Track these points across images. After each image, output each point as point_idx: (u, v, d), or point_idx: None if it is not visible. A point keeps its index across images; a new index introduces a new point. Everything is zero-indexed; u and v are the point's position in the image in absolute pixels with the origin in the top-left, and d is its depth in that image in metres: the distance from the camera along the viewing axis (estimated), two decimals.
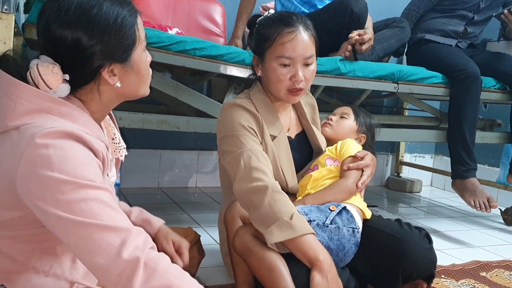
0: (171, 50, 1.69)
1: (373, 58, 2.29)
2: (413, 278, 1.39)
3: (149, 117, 1.76)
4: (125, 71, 0.93)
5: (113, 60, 0.91)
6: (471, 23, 2.60)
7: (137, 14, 0.94)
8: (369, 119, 1.63)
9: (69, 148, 0.81)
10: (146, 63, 0.98)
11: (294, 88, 1.35)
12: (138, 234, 0.81)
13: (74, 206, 0.78)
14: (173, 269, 0.81)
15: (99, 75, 0.91)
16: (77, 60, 0.88)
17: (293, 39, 1.32)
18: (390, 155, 3.57)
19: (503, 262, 1.87)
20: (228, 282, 1.47)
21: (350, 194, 1.39)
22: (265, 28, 1.37)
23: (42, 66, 0.86)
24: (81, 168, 0.81)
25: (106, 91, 0.94)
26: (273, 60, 1.34)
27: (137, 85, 0.97)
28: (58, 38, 0.87)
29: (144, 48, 0.98)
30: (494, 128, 2.84)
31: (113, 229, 0.79)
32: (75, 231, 0.78)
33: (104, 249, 0.77)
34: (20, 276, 0.89)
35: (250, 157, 1.26)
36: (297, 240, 1.14)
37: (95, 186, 0.81)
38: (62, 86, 0.88)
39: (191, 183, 2.95)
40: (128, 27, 0.91)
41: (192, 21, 2.54)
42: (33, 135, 0.80)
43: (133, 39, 0.93)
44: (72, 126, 0.84)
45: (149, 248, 0.80)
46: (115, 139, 1.06)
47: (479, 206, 2.19)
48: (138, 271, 0.77)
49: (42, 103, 0.85)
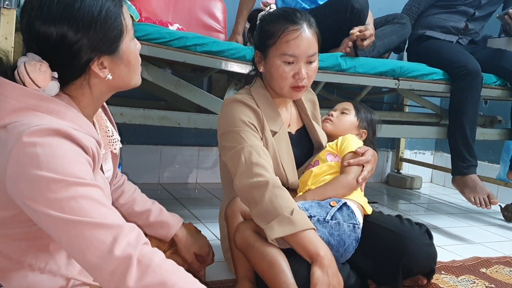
0: (172, 46, 1.69)
1: (374, 54, 2.29)
2: (413, 273, 1.40)
3: (150, 113, 1.76)
4: (115, 62, 0.92)
5: (101, 52, 0.89)
6: (472, 19, 2.59)
7: (121, 3, 0.92)
8: (370, 114, 1.63)
9: (57, 146, 0.80)
10: (135, 52, 0.96)
11: (297, 85, 1.35)
12: (130, 230, 0.80)
13: (65, 205, 0.78)
14: (167, 265, 0.80)
15: (89, 69, 0.90)
16: (64, 56, 0.86)
17: (297, 37, 1.32)
18: (390, 152, 3.57)
19: (503, 258, 1.88)
20: (229, 278, 1.47)
21: (350, 190, 1.39)
22: (269, 25, 1.36)
23: (30, 65, 0.84)
24: (70, 165, 0.80)
25: (97, 84, 0.92)
26: (276, 57, 1.34)
27: (128, 76, 0.95)
28: (42, 36, 0.85)
29: (132, 37, 0.96)
30: (494, 124, 2.84)
31: (104, 226, 0.78)
32: (66, 229, 0.78)
33: (96, 247, 0.77)
34: (16, 273, 0.88)
35: (250, 153, 1.26)
36: (298, 236, 1.14)
37: (84, 183, 0.80)
38: (51, 84, 0.86)
39: (192, 179, 2.95)
40: (114, 18, 0.89)
41: (192, 17, 2.54)
42: (20, 133, 0.79)
43: (120, 29, 0.90)
44: (60, 123, 0.83)
45: (142, 244, 0.79)
46: (108, 132, 1.04)
47: (479, 202, 2.19)
48: (132, 268, 0.75)
49: (28, 101, 0.84)
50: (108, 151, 1.06)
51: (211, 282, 1.41)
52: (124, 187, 1.26)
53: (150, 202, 1.29)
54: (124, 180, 1.28)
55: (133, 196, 1.26)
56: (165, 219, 1.28)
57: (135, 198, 1.26)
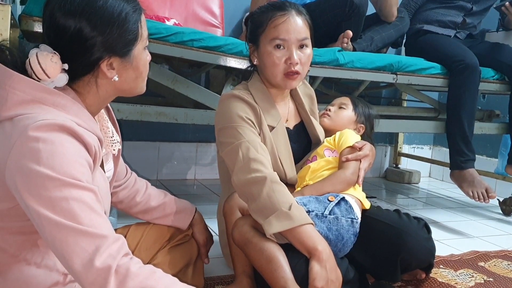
0: (168, 41, 1.68)
1: (372, 49, 2.29)
2: (412, 268, 1.40)
3: (147, 109, 1.75)
4: (124, 65, 0.94)
5: (113, 53, 0.91)
6: (470, 13, 2.59)
7: (141, 12, 0.96)
8: (368, 109, 1.62)
9: (59, 143, 0.81)
10: (145, 61, 0.99)
11: (290, 71, 1.34)
12: (114, 241, 0.80)
13: (56, 204, 0.78)
14: (144, 271, 0.80)
15: (98, 67, 0.92)
16: (77, 50, 0.89)
17: (285, 21, 1.32)
18: (388, 147, 3.57)
19: (501, 252, 1.88)
20: (227, 273, 1.47)
21: (348, 185, 1.39)
22: (259, 16, 1.37)
23: (42, 55, 0.86)
24: (69, 165, 0.80)
25: (104, 85, 0.95)
26: (267, 44, 1.34)
27: (135, 82, 0.98)
28: (61, 27, 0.88)
29: (145, 48, 0.99)
30: (492, 118, 2.85)
31: (88, 234, 0.78)
32: (52, 231, 0.78)
33: (77, 254, 0.77)
34: (12, 267, 0.89)
35: (248, 148, 1.26)
36: (296, 230, 1.14)
37: (79, 185, 0.80)
38: (60, 75, 0.88)
39: (190, 175, 2.95)
40: (132, 22, 0.92)
41: (189, 12, 2.53)
42: (25, 126, 0.80)
43: (135, 35, 0.94)
44: (66, 118, 0.84)
45: (122, 256, 0.79)
46: (108, 133, 1.06)
47: (478, 196, 2.20)
48: (110, 279, 0.76)
49: (35, 94, 0.85)
50: (109, 152, 1.07)
51: (209, 278, 1.41)
52: (137, 185, 1.29)
53: (163, 194, 1.32)
54: (135, 178, 1.30)
55: (147, 192, 1.29)
56: (181, 209, 1.32)
57: (150, 194, 1.30)
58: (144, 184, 1.31)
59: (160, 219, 1.29)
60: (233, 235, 1.25)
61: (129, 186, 1.27)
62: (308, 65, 1.39)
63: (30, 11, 1.46)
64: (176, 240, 1.30)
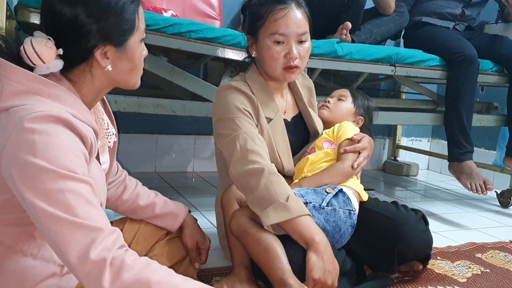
0: (166, 32, 1.67)
1: (371, 42, 2.28)
2: (409, 259, 1.40)
3: (144, 100, 1.75)
4: (119, 55, 0.94)
5: (108, 41, 0.91)
6: (469, 5, 2.57)
7: (139, 4, 0.96)
8: (367, 101, 1.62)
9: (55, 135, 0.80)
10: (141, 53, 0.99)
11: (289, 65, 1.33)
12: (109, 233, 0.79)
13: (51, 196, 0.78)
14: (139, 263, 0.80)
15: (92, 56, 0.91)
16: (72, 37, 0.89)
17: (285, 15, 1.31)
18: (387, 139, 3.57)
19: (498, 243, 1.89)
20: (225, 265, 1.47)
21: (347, 177, 1.39)
22: (258, 8, 1.36)
23: (36, 41, 0.87)
24: (65, 157, 0.80)
25: (98, 75, 0.94)
26: (266, 38, 1.33)
27: (129, 74, 0.98)
28: (57, 13, 0.88)
29: (142, 41, 0.98)
30: (491, 111, 2.85)
31: (84, 227, 0.78)
32: (47, 223, 0.78)
33: (73, 246, 0.77)
34: (8, 259, 0.88)
35: (246, 140, 1.26)
36: (293, 222, 1.14)
37: (75, 177, 0.80)
38: (55, 61, 0.88)
39: (188, 168, 2.95)
40: (129, 12, 0.92)
41: (187, 3, 2.51)
42: (21, 118, 0.80)
43: (132, 25, 0.93)
44: (61, 109, 0.84)
45: (117, 248, 0.79)
46: (103, 125, 1.05)
47: (476, 188, 2.20)
48: (105, 272, 0.76)
49: (31, 84, 0.85)
50: (105, 144, 1.06)
51: (207, 269, 1.42)
52: (126, 182, 1.27)
53: (153, 194, 1.29)
54: (126, 175, 1.29)
55: (136, 191, 1.27)
56: (171, 210, 1.29)
57: (138, 193, 1.27)
58: (134, 183, 1.29)
59: (148, 219, 1.27)
60: (231, 227, 1.26)
61: (117, 184, 1.25)
62: (307, 58, 1.38)
63: (26, 2, 1.45)
64: (174, 232, 1.30)
